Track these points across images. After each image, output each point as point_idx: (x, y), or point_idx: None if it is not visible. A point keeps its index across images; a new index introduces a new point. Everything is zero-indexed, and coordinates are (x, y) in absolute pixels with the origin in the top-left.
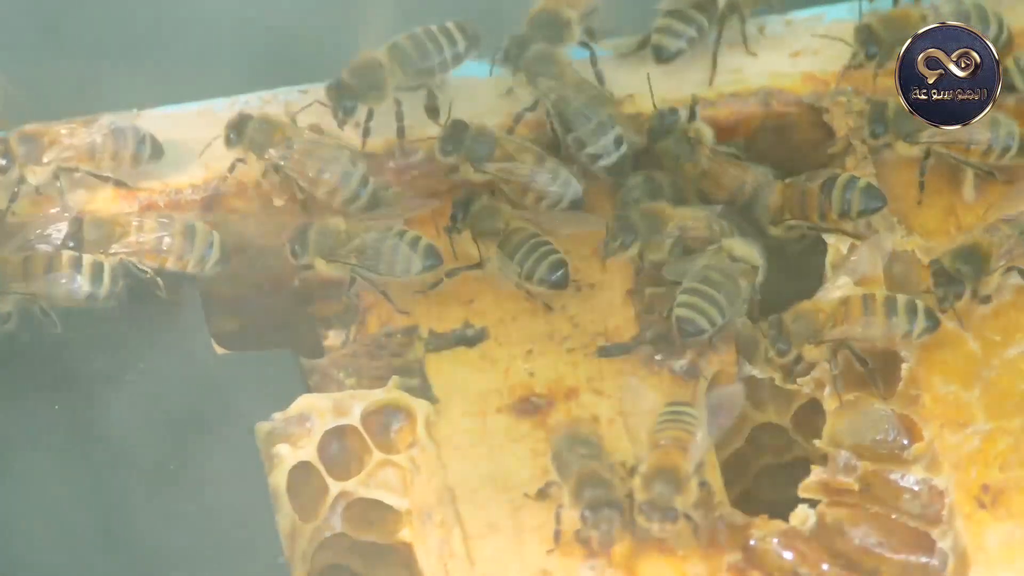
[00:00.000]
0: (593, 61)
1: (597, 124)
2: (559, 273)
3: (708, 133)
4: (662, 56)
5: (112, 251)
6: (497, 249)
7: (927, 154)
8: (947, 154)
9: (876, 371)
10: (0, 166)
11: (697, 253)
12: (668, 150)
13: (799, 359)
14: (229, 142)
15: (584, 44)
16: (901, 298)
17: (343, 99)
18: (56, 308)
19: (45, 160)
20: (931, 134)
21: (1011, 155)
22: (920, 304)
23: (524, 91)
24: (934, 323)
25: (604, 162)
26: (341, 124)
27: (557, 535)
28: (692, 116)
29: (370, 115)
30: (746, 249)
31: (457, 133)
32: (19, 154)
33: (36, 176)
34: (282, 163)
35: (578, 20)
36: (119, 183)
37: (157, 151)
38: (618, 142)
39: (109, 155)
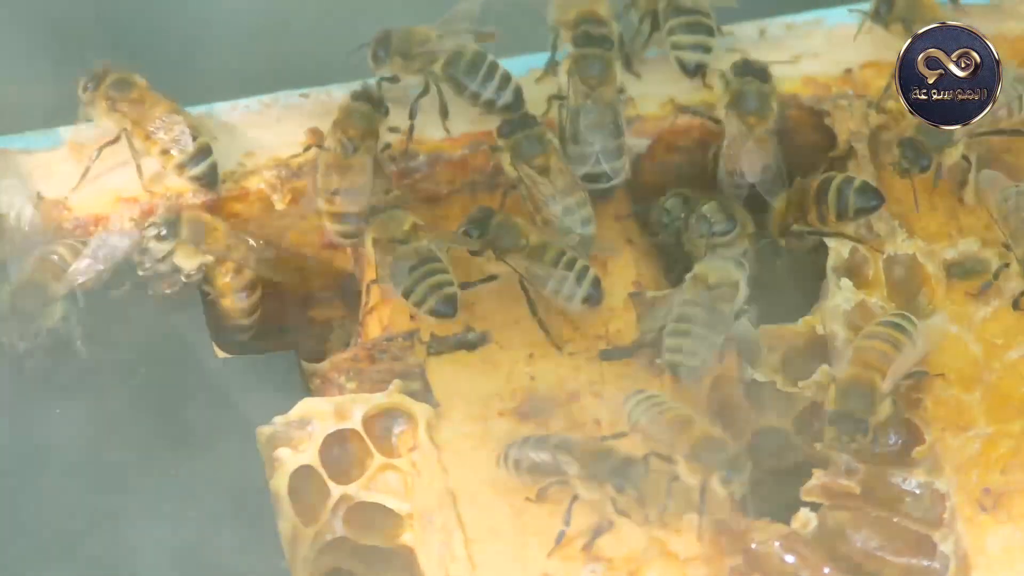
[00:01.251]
0: (622, 42)
1: (599, 151)
2: (595, 291)
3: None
4: (691, 70)
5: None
6: (530, 261)
7: (964, 156)
8: (985, 136)
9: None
10: (86, 85)
11: (674, 289)
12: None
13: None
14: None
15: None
16: (906, 321)
17: (379, 47)
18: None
19: (118, 108)
20: (966, 130)
21: None
22: (914, 319)
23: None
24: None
25: (592, 187)
26: (372, 69)
27: (561, 536)
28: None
29: (394, 80)
30: (720, 272)
31: (520, 125)
32: (106, 90)
33: (98, 116)
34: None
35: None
36: (139, 169)
37: (210, 180)
38: (613, 174)
39: (161, 148)
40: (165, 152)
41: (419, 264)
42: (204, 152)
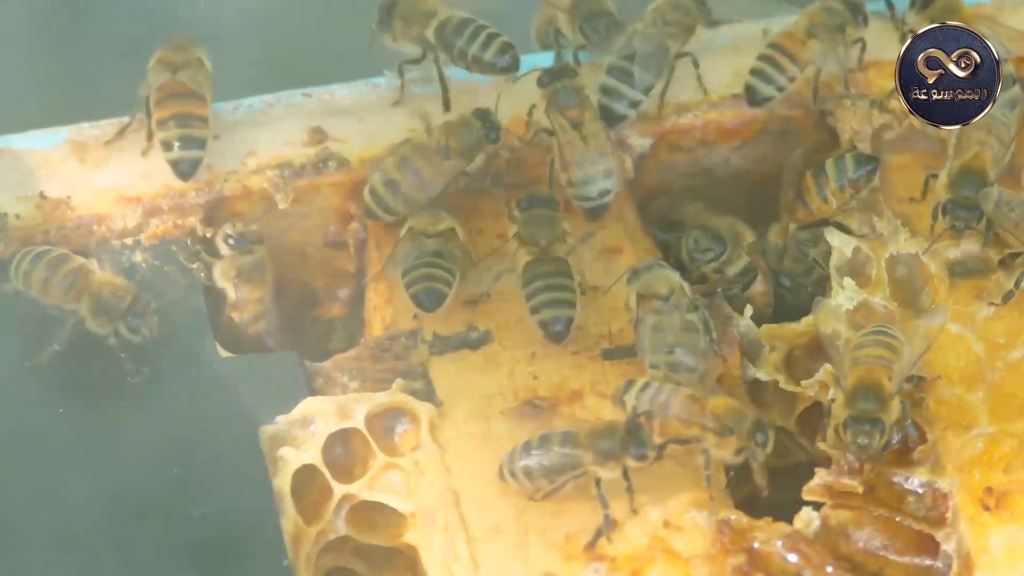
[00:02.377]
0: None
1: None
2: (558, 328)
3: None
4: (756, 99)
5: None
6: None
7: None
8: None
9: None
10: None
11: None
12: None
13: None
14: None
15: None
16: (889, 328)
17: (385, 13)
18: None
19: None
20: (996, 174)
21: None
22: (892, 329)
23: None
24: None
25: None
26: (375, 33)
27: (607, 521)
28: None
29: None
30: (661, 281)
31: (560, 74)
32: (163, 53)
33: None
34: None
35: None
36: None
37: (185, 168)
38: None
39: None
40: (162, 129)
41: (427, 255)
42: (190, 139)
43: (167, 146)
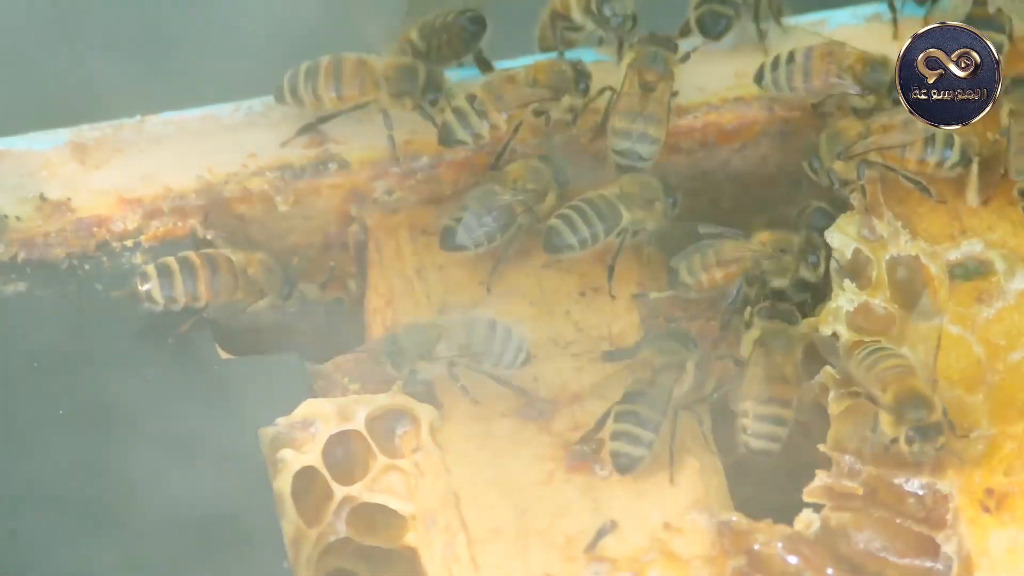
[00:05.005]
0: None
1: None
2: (555, 244)
3: None
4: (711, 30)
5: None
6: None
7: (860, 166)
8: (881, 163)
9: None
10: None
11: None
12: None
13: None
14: None
15: None
16: (884, 344)
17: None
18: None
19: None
20: (864, 145)
21: (950, 164)
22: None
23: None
24: None
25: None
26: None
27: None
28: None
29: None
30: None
31: (661, 42)
32: None
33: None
34: None
35: None
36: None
37: None
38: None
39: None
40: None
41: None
42: None
43: None
